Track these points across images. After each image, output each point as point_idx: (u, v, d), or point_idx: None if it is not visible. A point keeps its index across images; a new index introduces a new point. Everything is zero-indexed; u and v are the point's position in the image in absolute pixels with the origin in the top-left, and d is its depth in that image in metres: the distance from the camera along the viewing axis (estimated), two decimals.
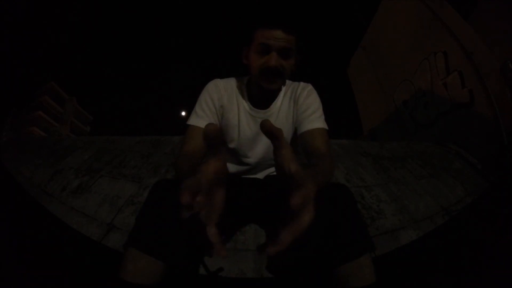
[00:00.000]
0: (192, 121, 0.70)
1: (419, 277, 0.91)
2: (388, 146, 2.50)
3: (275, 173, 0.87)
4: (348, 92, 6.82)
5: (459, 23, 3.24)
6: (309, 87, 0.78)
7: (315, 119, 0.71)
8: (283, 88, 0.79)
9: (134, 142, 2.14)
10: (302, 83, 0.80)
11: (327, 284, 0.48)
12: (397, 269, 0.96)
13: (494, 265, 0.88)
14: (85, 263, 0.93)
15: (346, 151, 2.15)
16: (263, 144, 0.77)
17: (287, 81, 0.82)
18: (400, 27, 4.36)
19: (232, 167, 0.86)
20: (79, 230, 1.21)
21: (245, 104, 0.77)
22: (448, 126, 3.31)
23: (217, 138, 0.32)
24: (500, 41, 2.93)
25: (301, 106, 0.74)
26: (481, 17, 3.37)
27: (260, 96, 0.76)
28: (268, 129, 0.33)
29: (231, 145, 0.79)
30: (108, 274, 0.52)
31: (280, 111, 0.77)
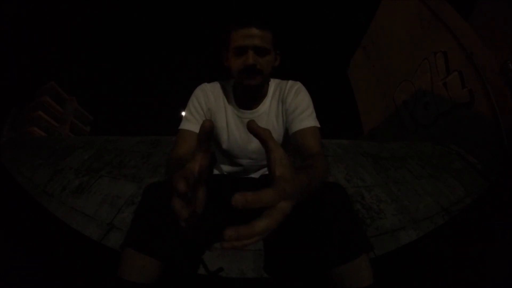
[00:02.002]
0: (182, 125, 0.73)
1: (419, 277, 0.91)
2: (388, 146, 2.50)
3: None
4: (348, 92, 6.83)
5: (459, 23, 3.25)
6: (298, 85, 0.77)
7: (305, 118, 0.69)
8: (271, 88, 0.78)
9: (134, 142, 2.14)
10: (290, 82, 0.78)
11: (324, 286, 0.48)
12: (397, 269, 0.96)
13: (494, 265, 0.88)
14: (85, 263, 0.93)
15: (346, 151, 2.15)
16: (253, 146, 0.77)
17: (276, 81, 0.80)
18: (400, 27, 4.36)
19: (226, 168, 0.86)
20: (79, 230, 1.21)
21: (232, 106, 0.77)
22: (448, 126, 3.31)
23: (209, 134, 0.33)
24: (500, 41, 2.93)
25: (290, 106, 0.73)
26: (481, 17, 3.37)
27: (246, 97, 0.76)
28: (254, 131, 0.33)
29: (223, 147, 0.79)
30: (108, 274, 0.52)
31: (270, 111, 0.77)
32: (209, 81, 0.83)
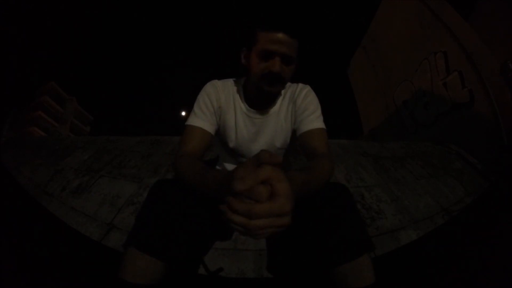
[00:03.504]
0: (191, 121, 0.71)
1: (419, 277, 0.91)
2: (388, 146, 2.50)
3: None
4: (348, 92, 6.83)
5: (459, 23, 3.25)
6: (307, 88, 0.78)
7: (313, 120, 0.71)
8: (282, 91, 0.79)
9: (134, 142, 2.14)
10: (300, 85, 0.79)
11: (326, 285, 0.48)
12: (397, 269, 0.96)
13: (494, 265, 0.88)
14: (85, 263, 0.93)
15: (346, 151, 2.15)
16: (260, 145, 0.78)
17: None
18: (400, 27, 4.36)
19: (230, 167, 0.86)
20: (79, 230, 1.21)
21: (241, 105, 0.77)
22: (448, 126, 3.31)
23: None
24: (500, 41, 2.93)
25: (299, 107, 0.74)
26: (481, 17, 3.37)
27: (258, 97, 0.76)
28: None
29: (230, 146, 0.79)
30: (108, 274, 0.52)
31: (279, 112, 0.77)
32: (207, 82, 0.83)
